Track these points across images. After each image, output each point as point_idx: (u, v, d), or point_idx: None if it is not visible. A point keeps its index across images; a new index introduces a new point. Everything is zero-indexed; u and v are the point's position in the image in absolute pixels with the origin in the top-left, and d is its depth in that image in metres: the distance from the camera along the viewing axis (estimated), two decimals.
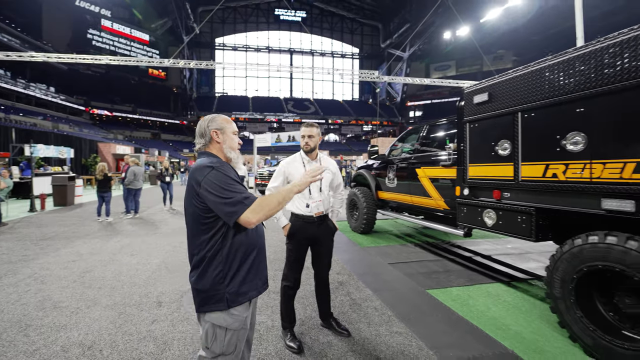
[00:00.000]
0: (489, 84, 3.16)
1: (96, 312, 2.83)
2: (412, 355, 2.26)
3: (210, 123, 1.52)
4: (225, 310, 1.34)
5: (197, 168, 1.38)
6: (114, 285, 3.47)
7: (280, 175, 2.44)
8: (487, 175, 3.20)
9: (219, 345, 1.35)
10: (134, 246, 5.15)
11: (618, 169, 2.13)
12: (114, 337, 2.42)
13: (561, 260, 2.45)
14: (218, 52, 56.92)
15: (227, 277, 1.35)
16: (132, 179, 7.66)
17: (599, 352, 2.21)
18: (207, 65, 27.86)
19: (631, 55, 2.05)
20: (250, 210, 1.27)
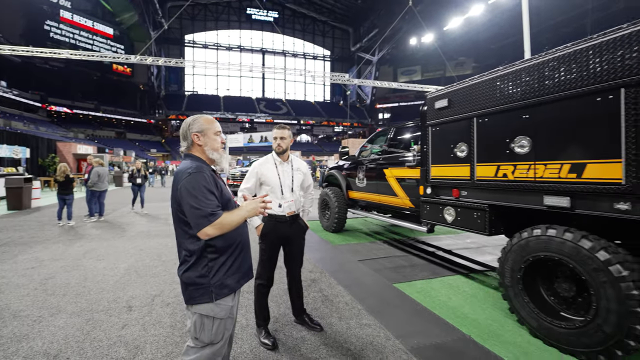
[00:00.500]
0: (448, 91, 3.36)
1: (61, 319, 2.68)
2: (380, 345, 2.38)
3: (191, 126, 1.53)
4: (212, 302, 1.41)
5: (179, 172, 1.44)
6: (80, 291, 3.29)
7: (253, 177, 2.46)
8: (447, 175, 3.41)
9: (207, 334, 1.41)
10: (100, 250, 4.89)
11: (557, 169, 2.37)
12: (82, 344, 2.32)
13: (510, 252, 2.68)
14: (188, 50, 54.93)
15: (211, 271, 1.42)
16: (95, 180, 7.22)
17: (542, 332, 2.44)
18: (177, 63, 26.85)
19: (566, 69, 2.30)
20: (211, 226, 1.34)
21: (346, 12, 55.70)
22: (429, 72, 51.51)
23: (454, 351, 2.33)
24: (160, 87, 52.98)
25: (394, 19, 38.29)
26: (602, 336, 2.09)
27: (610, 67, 2.06)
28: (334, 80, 32.36)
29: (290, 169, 2.49)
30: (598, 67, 2.12)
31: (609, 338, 2.06)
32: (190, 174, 1.38)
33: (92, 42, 44.35)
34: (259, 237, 2.46)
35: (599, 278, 2.09)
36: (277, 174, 2.43)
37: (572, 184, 2.28)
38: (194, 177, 1.38)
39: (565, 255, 2.27)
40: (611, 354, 2.07)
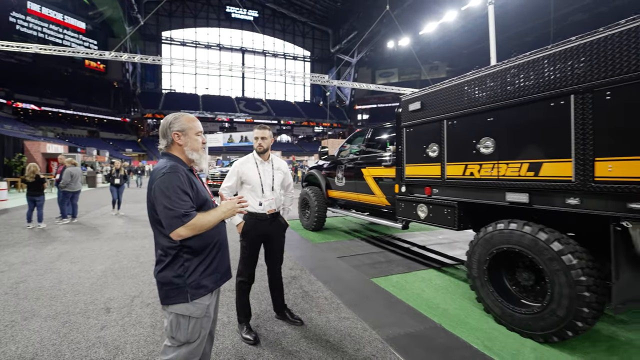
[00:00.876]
0: (421, 94, 3.51)
1: (35, 323, 2.59)
2: (358, 336, 2.48)
3: (172, 124, 1.49)
4: (187, 302, 1.38)
5: (155, 170, 1.42)
6: (54, 294, 3.18)
7: (234, 176, 2.49)
8: (420, 174, 3.56)
9: (183, 333, 1.39)
10: (74, 253, 4.70)
11: (517, 168, 2.56)
12: (59, 347, 2.26)
13: (477, 245, 2.86)
14: (165, 47, 53.12)
15: (187, 271, 1.39)
16: (68, 181, 6.90)
17: (505, 319, 2.62)
18: (155, 61, 25.97)
19: (525, 76, 2.48)
20: (184, 227, 1.31)
21: (326, 14, 55.88)
22: (405, 74, 52.66)
23: (426, 339, 2.46)
24: (136, 85, 50.78)
25: (372, 22, 38.83)
26: (555, 319, 2.28)
27: (562, 76, 2.25)
28: (314, 81, 32.45)
29: (270, 168, 2.54)
30: (552, 75, 2.31)
31: (561, 320, 2.25)
32: (164, 174, 1.35)
33: (62, 37, 41.92)
34: (240, 235, 2.49)
35: (553, 266, 2.28)
36: (258, 173, 2.47)
37: (530, 182, 2.47)
38: (168, 177, 1.35)
39: (525, 247, 2.46)
40: (563, 334, 2.27)
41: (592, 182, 2.10)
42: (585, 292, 2.14)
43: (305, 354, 2.23)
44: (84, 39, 43.95)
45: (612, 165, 2.02)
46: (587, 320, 2.18)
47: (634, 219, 1.96)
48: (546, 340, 2.37)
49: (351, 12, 50.37)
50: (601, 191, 2.07)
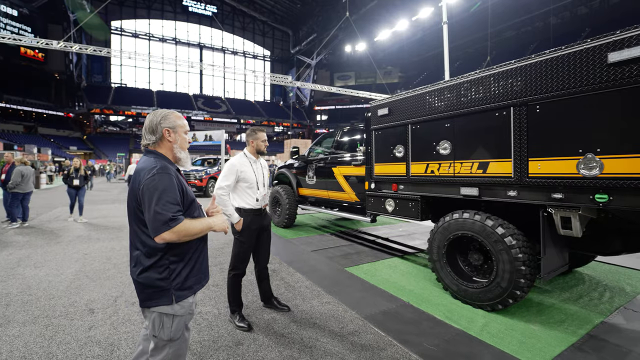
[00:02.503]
0: (388, 101, 3.86)
1: (13, 329, 2.44)
2: (340, 316, 2.72)
3: (163, 120, 1.43)
4: (172, 304, 1.33)
5: (142, 169, 1.35)
6: (26, 299, 2.97)
7: (233, 174, 2.53)
8: (388, 172, 3.91)
9: (167, 332, 1.33)
10: (35, 258, 4.33)
11: (469, 167, 2.98)
12: (48, 348, 2.19)
13: (437, 233, 3.26)
14: (114, 37, 48.65)
15: (172, 273, 1.34)
16: (18, 181, 6.20)
17: (460, 294, 3.05)
18: (107, 53, 23.84)
19: (475, 90, 2.90)
20: (170, 231, 1.26)
21: (286, 15, 55.52)
22: (361, 78, 54.35)
23: (398, 315, 2.78)
24: (81, 77, 45.83)
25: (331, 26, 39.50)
26: (500, 290, 2.73)
27: (504, 91, 2.70)
28: (277, 81, 32.24)
29: (261, 167, 2.72)
30: (496, 90, 2.75)
31: (504, 291, 2.71)
32: (155, 174, 1.29)
33: None
34: (239, 232, 2.57)
35: (498, 247, 2.73)
36: (253, 171, 2.63)
37: (480, 178, 2.90)
38: (159, 177, 1.29)
39: (476, 232, 2.89)
40: (505, 303, 2.73)
41: (527, 177, 2.57)
42: (522, 266, 2.60)
43: (296, 335, 2.42)
44: (16, 24, 38.37)
45: (540, 164, 2.50)
46: (523, 289, 2.65)
47: (556, 206, 2.45)
48: (493, 309, 2.82)
49: (311, 14, 50.67)
50: (533, 185, 2.54)
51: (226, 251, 4.76)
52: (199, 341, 2.32)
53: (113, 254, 4.57)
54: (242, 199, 2.59)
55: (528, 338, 2.41)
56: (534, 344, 2.33)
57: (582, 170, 2.26)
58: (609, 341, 2.36)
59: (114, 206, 9.99)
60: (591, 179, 2.22)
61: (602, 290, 3.29)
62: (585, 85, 2.23)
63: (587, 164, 2.24)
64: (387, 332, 2.47)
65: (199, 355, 2.15)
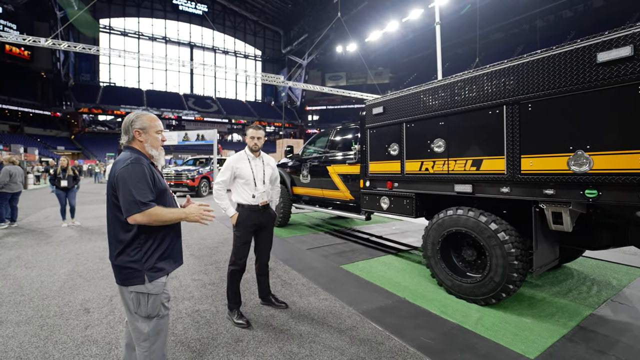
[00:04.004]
0: (383, 100, 3.89)
1: (7, 329, 2.38)
2: (337, 312, 2.74)
3: (134, 122, 1.57)
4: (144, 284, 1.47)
5: (118, 161, 1.49)
6: (18, 300, 2.90)
7: (228, 171, 2.62)
8: (382, 170, 3.94)
9: (143, 309, 1.48)
10: (26, 258, 4.21)
11: (463, 164, 3.03)
12: (44, 348, 2.13)
13: (431, 229, 3.30)
14: (103, 36, 47.58)
15: (144, 256, 1.47)
16: (6, 181, 6.01)
17: (455, 289, 3.09)
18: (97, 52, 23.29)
19: (469, 89, 2.95)
20: (141, 214, 1.39)
21: (277, 14, 55.28)
22: (352, 78, 54.51)
23: (394, 310, 2.81)
24: (69, 76, 44.66)
25: (322, 26, 39.48)
26: (493, 285, 2.79)
27: (497, 90, 2.75)
28: (268, 80, 32.08)
29: (261, 164, 2.72)
30: (489, 89, 2.80)
31: (497, 285, 2.76)
32: (129, 164, 1.43)
33: None
34: (234, 226, 2.61)
35: (491, 242, 2.78)
36: (251, 169, 2.64)
37: (473, 175, 2.95)
38: (132, 167, 1.43)
39: (470, 228, 2.94)
40: (499, 297, 2.79)
41: (519, 174, 2.62)
42: (515, 260, 2.66)
43: (295, 331, 2.42)
44: (0, 21, 37.21)
45: (532, 161, 2.56)
46: (516, 283, 2.71)
47: (547, 201, 2.51)
48: (487, 303, 2.88)
49: (302, 14, 50.57)
50: (525, 181, 2.60)
51: (221, 250, 4.72)
52: (198, 338, 2.30)
53: (106, 253, 4.47)
54: (239, 194, 2.65)
55: (521, 330, 2.46)
56: (527, 336, 2.39)
57: (573, 167, 2.32)
58: (598, 332, 2.43)
59: (104, 206, 9.78)
60: (581, 175, 2.29)
61: (590, 284, 3.39)
62: (575, 84, 2.29)
63: (577, 161, 2.30)
64: (385, 327, 2.49)
65: (198, 352, 2.13)
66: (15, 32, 35.53)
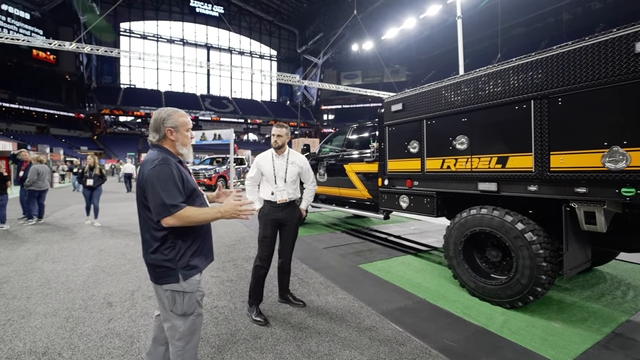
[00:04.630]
0: (402, 97, 3.83)
1: (35, 321, 2.49)
2: (356, 312, 2.71)
3: (166, 120, 1.55)
4: (179, 282, 1.47)
5: (146, 161, 1.48)
6: (46, 292, 3.04)
7: (255, 168, 2.78)
8: (402, 168, 3.88)
9: (179, 307, 1.48)
10: (52, 253, 4.42)
11: (487, 161, 2.94)
12: (70, 340, 2.22)
13: (454, 229, 3.22)
14: (123, 39, 49.29)
15: (177, 254, 1.47)
16: (34, 179, 6.33)
17: (478, 291, 3.01)
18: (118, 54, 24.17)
19: (494, 84, 2.86)
20: (172, 216, 1.38)
21: (292, 14, 55.53)
22: (369, 77, 54.04)
23: (415, 311, 2.76)
24: (91, 79, 46.59)
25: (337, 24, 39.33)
26: (520, 287, 2.69)
27: (524, 84, 2.65)
28: (284, 80, 32.26)
29: (285, 162, 2.72)
30: (516, 83, 2.70)
31: (524, 288, 2.66)
32: (157, 165, 1.42)
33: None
34: (258, 219, 2.72)
35: (518, 243, 2.68)
36: (272, 166, 2.70)
37: (499, 173, 2.86)
38: (160, 168, 1.41)
39: (494, 228, 2.85)
40: (525, 299, 2.69)
41: (548, 171, 2.52)
42: (543, 262, 2.55)
43: (313, 329, 2.41)
44: (28, 27, 39.18)
45: (563, 157, 2.45)
46: (544, 286, 2.60)
47: (579, 200, 2.39)
48: (512, 306, 2.78)
49: (317, 13, 50.60)
50: (555, 179, 2.49)
51: (238, 248, 4.78)
52: (217, 334, 2.33)
53: (127, 249, 4.64)
54: (263, 190, 2.77)
55: (550, 335, 2.36)
56: (557, 341, 2.29)
57: (608, 164, 2.21)
58: (637, 340, 2.30)
59: (126, 204, 10.12)
60: (617, 172, 2.17)
61: (625, 289, 3.22)
62: (611, 76, 2.17)
63: (612, 157, 2.18)
64: (405, 328, 2.45)
65: (217, 348, 2.16)
66: (42, 37, 37.38)
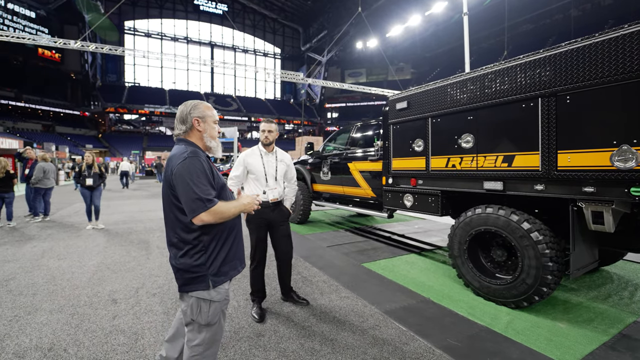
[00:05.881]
0: (407, 94, 3.80)
1: (41, 317, 2.53)
2: (360, 311, 2.71)
3: (192, 110, 1.48)
4: (209, 289, 1.38)
5: (174, 156, 1.40)
6: (52, 289, 3.08)
7: (241, 166, 2.64)
8: (406, 167, 3.86)
9: (204, 317, 1.37)
10: (58, 250, 4.48)
11: (493, 160, 2.91)
12: (75, 336, 2.26)
13: (458, 228, 3.20)
14: (128, 37, 49.50)
15: (209, 260, 1.37)
16: (40, 177, 6.42)
17: (483, 290, 2.99)
18: (123, 52, 24.32)
19: (500, 81, 2.83)
20: (207, 212, 1.29)
21: (296, 12, 55.38)
22: (373, 75, 53.77)
23: (418, 310, 2.75)
24: (96, 77, 46.86)
25: (341, 22, 39.16)
26: (525, 287, 2.67)
27: (531, 82, 2.62)
28: (288, 78, 32.24)
29: (274, 160, 2.69)
30: (523, 81, 2.67)
31: (530, 288, 2.64)
32: (186, 158, 1.34)
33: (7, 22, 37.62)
34: (246, 222, 2.62)
35: (524, 243, 2.66)
36: (262, 164, 2.62)
37: (505, 172, 2.83)
38: (190, 162, 1.33)
39: (500, 228, 2.83)
40: (531, 299, 2.67)
41: (555, 170, 2.49)
42: (549, 262, 2.53)
43: (317, 328, 2.42)
44: (34, 26, 39.50)
45: (570, 156, 2.42)
46: (550, 286, 2.58)
47: (587, 200, 2.37)
48: (517, 306, 2.76)
49: (321, 11, 50.42)
50: (562, 178, 2.46)
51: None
52: None
53: (132, 247, 4.68)
54: (251, 189, 2.64)
55: (556, 336, 2.34)
56: (562, 341, 2.27)
57: (617, 163, 2.18)
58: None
59: (131, 202, 10.21)
60: (626, 171, 2.14)
61: (633, 290, 3.18)
62: (621, 73, 2.14)
63: (622, 156, 2.15)
64: (409, 327, 2.44)
65: (221, 345, 2.17)
66: (47, 36, 37.63)
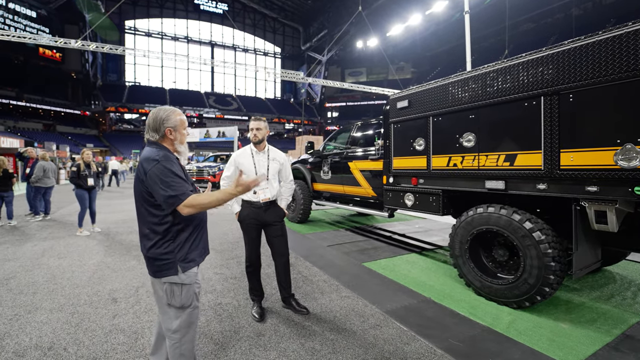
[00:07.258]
0: (408, 93, 3.78)
1: (41, 316, 2.52)
2: (360, 311, 2.70)
3: (165, 121, 1.58)
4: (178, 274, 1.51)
5: (146, 159, 1.50)
6: (52, 288, 3.07)
7: (232, 166, 2.62)
8: (407, 166, 3.84)
9: (177, 299, 1.52)
10: (58, 249, 4.47)
11: (495, 159, 2.89)
12: (75, 335, 2.24)
13: (460, 228, 3.18)
14: (128, 37, 49.47)
15: (176, 248, 1.51)
16: (40, 176, 6.41)
17: (484, 290, 2.97)
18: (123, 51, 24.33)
19: (502, 80, 2.81)
20: (185, 205, 1.42)
21: (296, 11, 55.26)
22: (373, 74, 53.67)
23: (419, 310, 2.74)
24: (97, 76, 46.83)
25: (342, 21, 39.08)
26: (527, 287, 2.65)
27: (533, 80, 2.60)
28: (288, 77, 32.22)
29: (266, 159, 2.62)
30: (525, 79, 2.65)
31: (532, 288, 2.62)
32: (159, 161, 1.46)
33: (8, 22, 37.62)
34: (239, 222, 2.58)
35: (526, 242, 2.64)
36: (253, 163, 2.57)
37: (507, 171, 2.81)
38: (163, 164, 1.46)
39: (502, 227, 2.81)
40: (533, 299, 2.65)
41: (557, 170, 2.47)
42: (552, 262, 2.51)
43: (317, 327, 2.40)
44: (35, 25, 39.44)
45: (573, 155, 2.40)
46: (552, 286, 2.56)
47: (590, 199, 2.35)
48: (519, 306, 2.74)
49: (321, 10, 50.32)
50: (565, 177, 2.44)
51: (241, 245, 4.73)
52: (220, 331, 2.33)
53: (133, 246, 4.66)
54: None
55: (558, 336, 2.33)
56: (565, 342, 2.25)
57: (620, 162, 2.15)
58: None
59: (132, 200, 10.20)
60: (630, 170, 2.11)
61: (636, 290, 3.16)
62: (625, 71, 2.12)
63: (625, 155, 2.13)
64: (410, 327, 2.43)
65: (221, 345, 2.16)
66: (48, 35, 37.57)
